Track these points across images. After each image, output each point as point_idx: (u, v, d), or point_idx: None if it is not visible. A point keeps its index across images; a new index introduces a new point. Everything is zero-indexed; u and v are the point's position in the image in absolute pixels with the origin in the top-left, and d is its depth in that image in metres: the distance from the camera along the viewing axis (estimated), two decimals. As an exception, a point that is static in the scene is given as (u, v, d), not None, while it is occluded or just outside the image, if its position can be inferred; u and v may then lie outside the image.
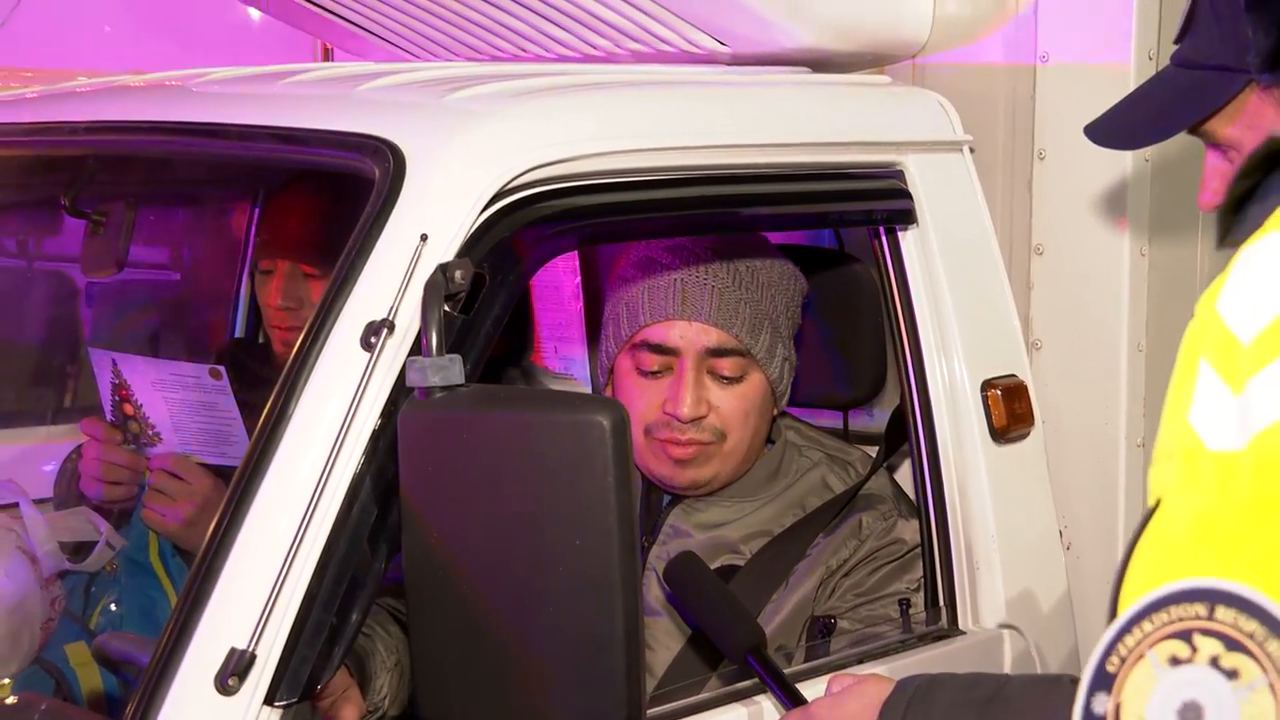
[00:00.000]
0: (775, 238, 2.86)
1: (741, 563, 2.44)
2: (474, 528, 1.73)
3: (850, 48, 2.65)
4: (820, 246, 2.87)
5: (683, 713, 2.05)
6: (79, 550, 2.72)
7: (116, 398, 2.76)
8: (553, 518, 1.69)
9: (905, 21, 2.67)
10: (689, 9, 2.55)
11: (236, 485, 1.78)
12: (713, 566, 2.43)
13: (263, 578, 1.72)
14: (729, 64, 2.63)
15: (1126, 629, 1.09)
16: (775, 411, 2.53)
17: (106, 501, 2.78)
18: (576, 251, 3.18)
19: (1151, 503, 1.16)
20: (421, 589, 1.75)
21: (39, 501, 2.90)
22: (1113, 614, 1.13)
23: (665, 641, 2.43)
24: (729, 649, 2.08)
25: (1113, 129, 2.07)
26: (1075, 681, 1.87)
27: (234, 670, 1.68)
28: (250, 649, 1.69)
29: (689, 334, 2.42)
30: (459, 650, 1.74)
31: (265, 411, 1.82)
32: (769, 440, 2.58)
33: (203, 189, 2.26)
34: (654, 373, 2.45)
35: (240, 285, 3.18)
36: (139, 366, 2.72)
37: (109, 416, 2.77)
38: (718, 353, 2.43)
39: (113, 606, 2.78)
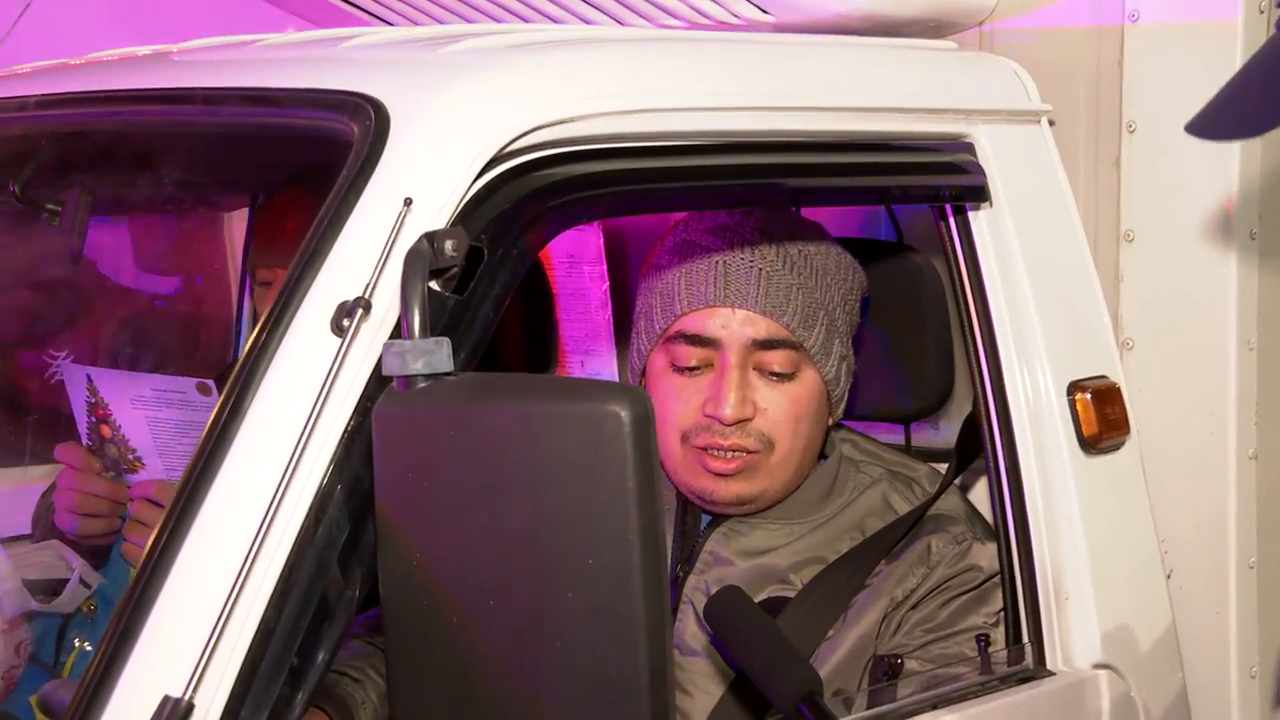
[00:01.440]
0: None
1: (791, 594, 2.11)
2: (464, 546, 1.40)
3: (909, 13, 2.32)
4: (876, 239, 2.54)
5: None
6: (50, 590, 2.42)
7: (93, 418, 2.45)
8: (561, 534, 1.37)
9: (971, -18, 2.36)
10: (725, -30, 2.24)
11: (178, 498, 1.46)
12: (759, 599, 2.10)
13: (206, 609, 1.40)
14: (772, 34, 2.31)
15: None
16: (830, 421, 2.20)
17: (83, 536, 2.46)
18: (603, 254, 2.88)
19: None
20: (401, 622, 1.43)
21: (13, 539, 2.61)
22: None
23: (704, 686, 2.09)
24: (778, 697, 1.74)
25: (1224, 116, 1.64)
26: None
27: (167, 723, 1.36)
28: (186, 697, 1.36)
29: (732, 323, 2.09)
30: (447, 696, 1.42)
31: (216, 409, 1.51)
32: (822, 455, 2.25)
33: (176, 168, 1.94)
34: (692, 369, 2.12)
35: (234, 295, 2.89)
36: (117, 382, 2.40)
37: (85, 440, 2.47)
38: (765, 345, 2.09)
39: (88, 648, 2.47)
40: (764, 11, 2.30)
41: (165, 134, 1.93)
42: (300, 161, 1.74)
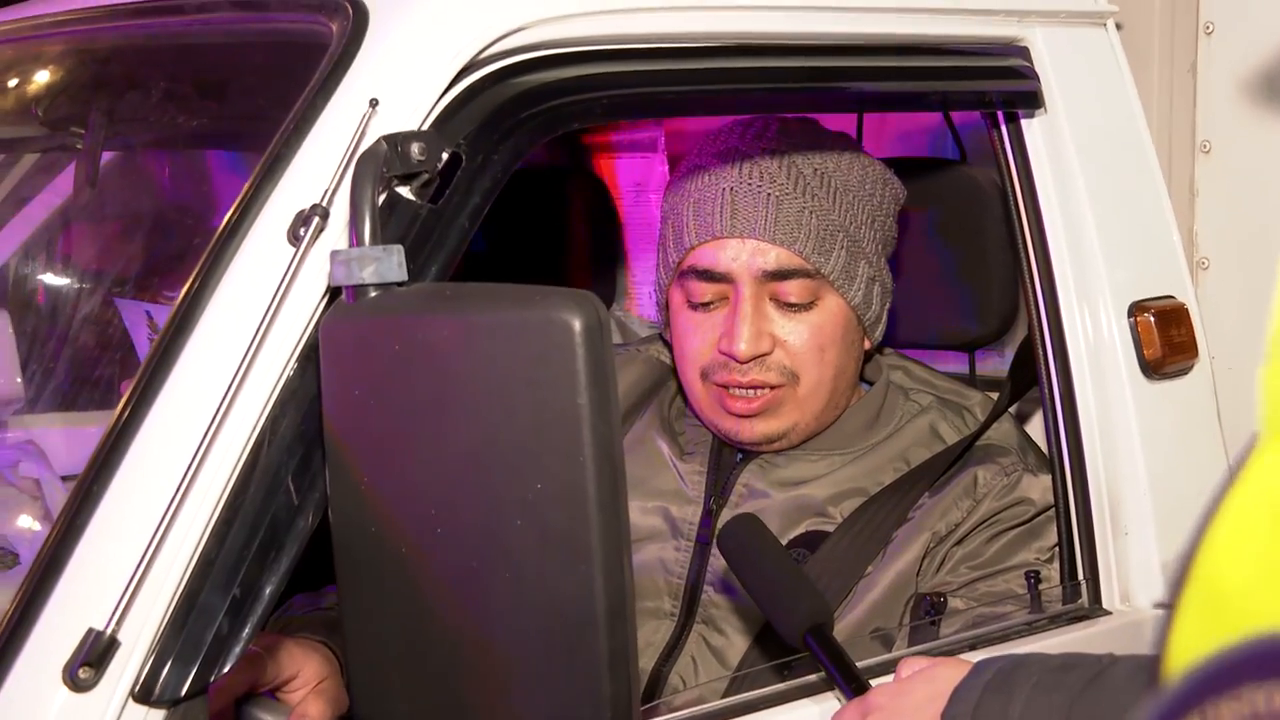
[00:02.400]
0: (884, 149, 2.33)
1: (830, 527, 1.92)
2: (411, 470, 1.24)
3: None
4: (938, 158, 2.32)
5: None
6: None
7: None
8: (508, 455, 1.20)
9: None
10: None
11: (119, 413, 1.32)
12: (796, 532, 1.92)
13: (136, 535, 1.25)
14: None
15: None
16: (867, 345, 1.99)
17: None
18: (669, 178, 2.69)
19: (1260, 434, 0.63)
20: (350, 551, 1.28)
21: (70, 479, 2.50)
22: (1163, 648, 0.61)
23: (739, 625, 1.91)
24: (784, 628, 1.56)
25: None
26: None
27: (86, 658, 1.22)
28: (109, 630, 1.22)
29: (742, 255, 1.90)
30: (400, 633, 1.26)
31: (166, 322, 1.36)
32: (867, 382, 2.05)
33: (171, 84, 1.80)
34: (706, 304, 1.93)
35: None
36: None
37: None
38: (779, 275, 1.90)
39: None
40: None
41: (155, 47, 1.79)
42: (282, 67, 1.58)
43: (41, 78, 1.97)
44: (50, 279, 2.57)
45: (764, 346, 1.89)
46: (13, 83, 1.98)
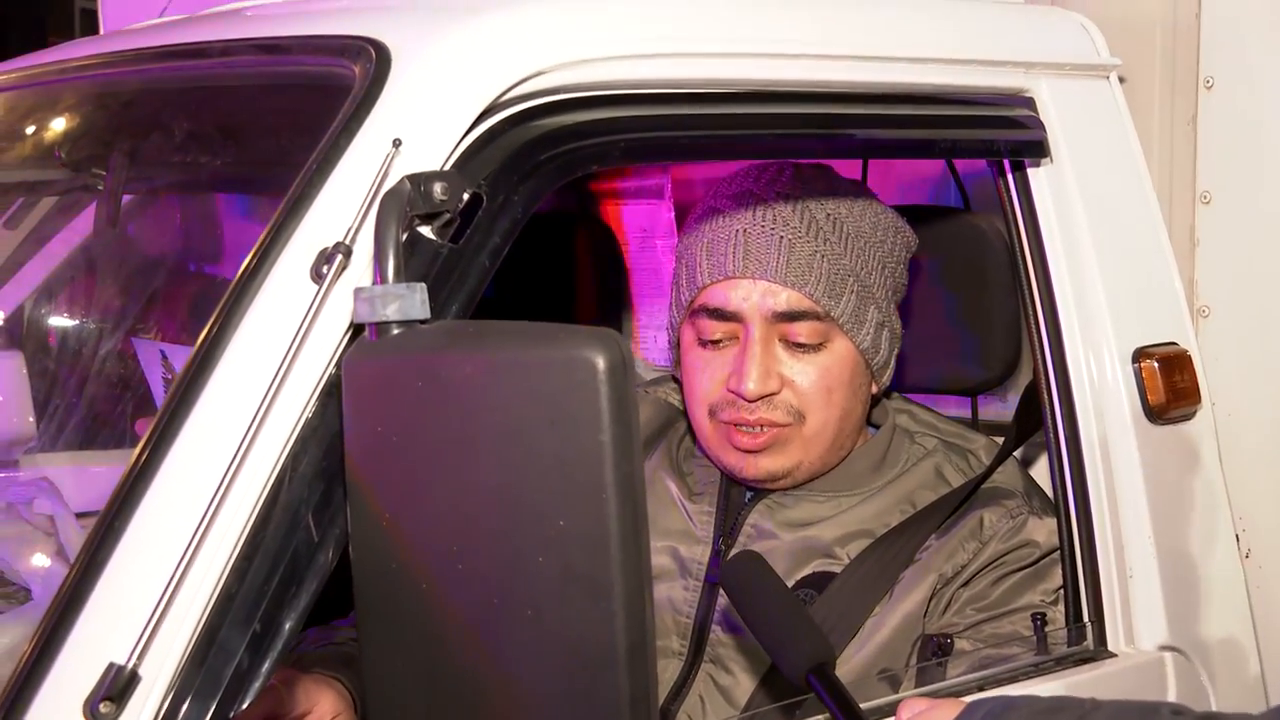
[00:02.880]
0: (888, 197, 2.31)
1: (838, 569, 1.89)
2: (433, 506, 1.22)
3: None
4: (942, 206, 2.31)
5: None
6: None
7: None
8: (531, 492, 1.18)
9: (1039, -64, 2.12)
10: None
11: (140, 452, 1.29)
12: (803, 573, 1.89)
13: (158, 570, 1.23)
14: None
15: None
16: (875, 389, 1.97)
17: None
18: (675, 228, 2.68)
19: None
20: (371, 586, 1.25)
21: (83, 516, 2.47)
22: None
23: (746, 665, 1.88)
24: (787, 666, 1.53)
25: None
26: (1178, 713, 1.34)
27: (107, 693, 1.19)
28: (130, 665, 1.19)
29: (753, 295, 1.88)
30: (419, 670, 1.24)
31: (188, 359, 1.34)
32: (873, 426, 2.03)
33: (196, 125, 1.78)
34: (716, 342, 1.91)
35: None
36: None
37: None
38: (789, 316, 1.87)
39: None
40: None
41: (179, 89, 1.77)
42: (305, 109, 1.56)
43: (65, 121, 1.95)
44: (66, 320, 2.54)
45: (772, 386, 1.87)
46: (37, 125, 1.96)
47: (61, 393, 2.49)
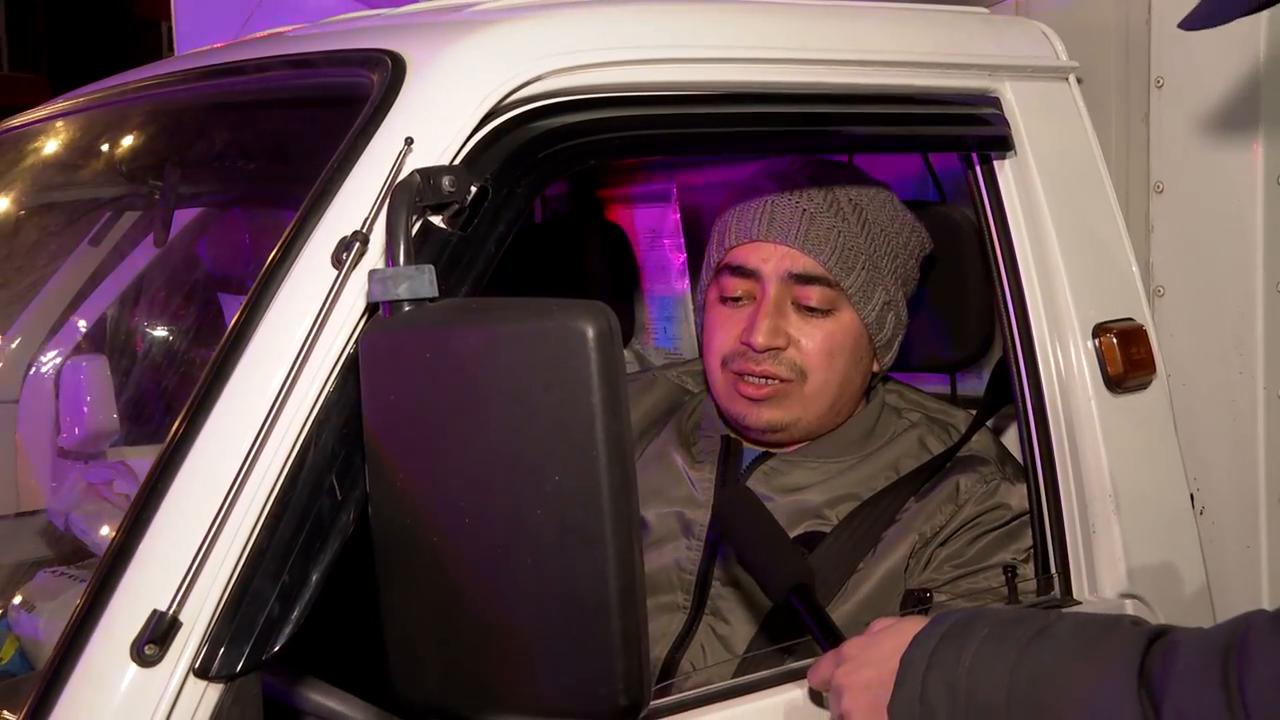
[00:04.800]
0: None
1: (827, 529, 1.87)
2: (442, 466, 1.21)
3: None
4: (920, 200, 2.29)
5: (702, 701, 1.50)
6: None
7: None
8: (529, 452, 1.17)
9: (1005, -46, 2.10)
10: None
11: (179, 423, 1.29)
12: (795, 533, 1.87)
13: (197, 526, 1.23)
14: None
15: None
16: (876, 367, 1.97)
17: None
18: (681, 228, 2.67)
19: None
20: (388, 542, 1.25)
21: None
22: None
23: (744, 616, 1.87)
24: (772, 588, 1.53)
25: (1199, 12, 1.51)
26: (1137, 624, 1.29)
27: (151, 636, 1.19)
28: (172, 611, 1.19)
29: (772, 257, 1.89)
30: (432, 616, 1.23)
31: (222, 340, 1.34)
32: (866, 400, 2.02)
33: (233, 137, 1.78)
34: (735, 299, 1.93)
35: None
36: None
37: None
38: (802, 279, 1.89)
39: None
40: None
41: (222, 104, 1.77)
42: (328, 114, 1.56)
43: (124, 138, 1.95)
44: (141, 326, 2.55)
45: (779, 341, 1.88)
46: (104, 144, 1.97)
47: (138, 391, 2.50)
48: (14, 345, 2.62)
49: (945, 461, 1.88)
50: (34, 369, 2.62)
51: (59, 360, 2.58)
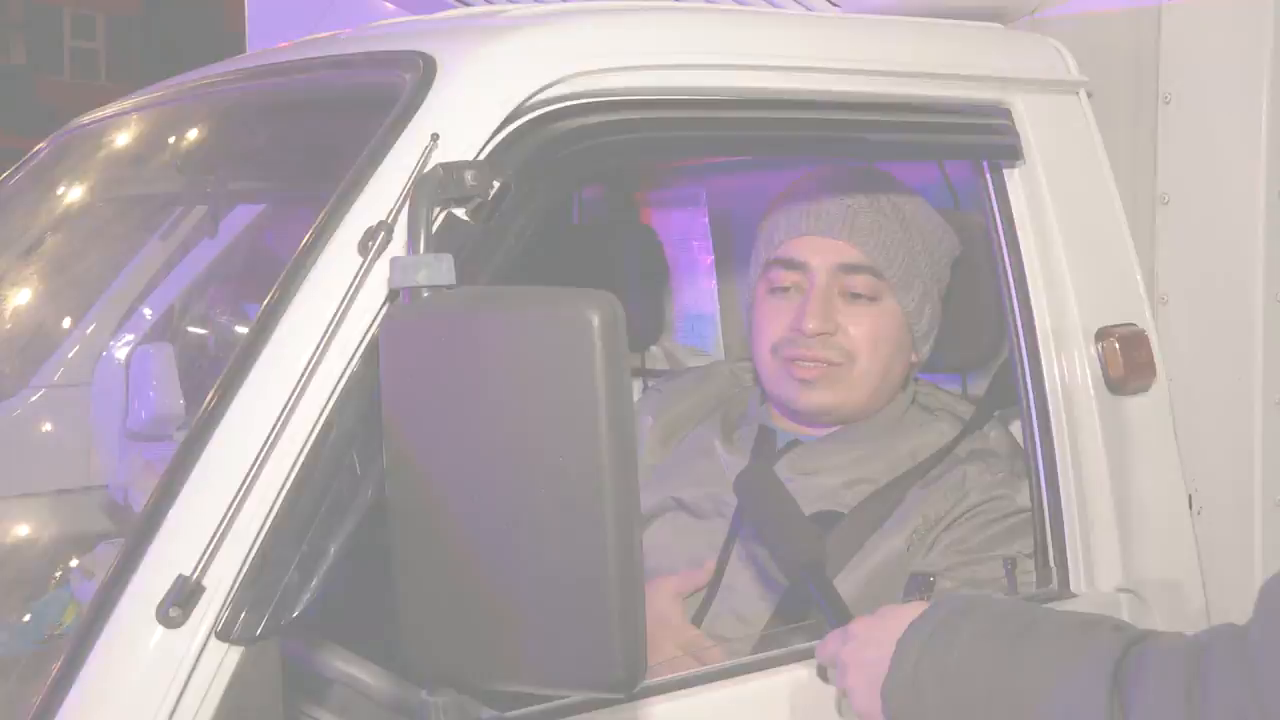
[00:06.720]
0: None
1: (844, 510, 1.85)
2: (456, 447, 1.19)
3: (966, 3, 2.04)
4: (936, 207, 2.25)
5: (699, 680, 1.47)
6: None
7: None
8: (536, 434, 1.15)
9: (1021, -25, 2.05)
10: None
11: (209, 400, 1.28)
12: (810, 512, 1.84)
13: (221, 498, 1.21)
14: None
15: None
16: (915, 358, 1.96)
17: None
18: (709, 231, 2.64)
19: None
20: (404, 517, 1.22)
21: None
22: None
23: (761, 593, 1.84)
24: (786, 564, 1.51)
25: None
26: (1119, 628, 1.26)
27: (176, 600, 1.18)
28: (195, 576, 1.18)
29: (821, 248, 1.90)
30: (444, 588, 1.21)
31: (254, 322, 1.32)
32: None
33: (273, 134, 1.77)
34: (784, 289, 1.92)
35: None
36: None
37: None
38: (849, 268, 1.89)
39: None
40: (833, 4, 2.04)
41: (267, 104, 1.76)
42: (363, 112, 1.54)
43: (177, 137, 1.95)
44: (206, 316, 2.55)
45: (829, 326, 1.88)
46: (161, 142, 1.97)
47: (203, 379, 2.50)
48: (88, 331, 2.63)
49: (949, 450, 1.86)
50: (106, 354, 2.63)
51: (129, 347, 2.59)
